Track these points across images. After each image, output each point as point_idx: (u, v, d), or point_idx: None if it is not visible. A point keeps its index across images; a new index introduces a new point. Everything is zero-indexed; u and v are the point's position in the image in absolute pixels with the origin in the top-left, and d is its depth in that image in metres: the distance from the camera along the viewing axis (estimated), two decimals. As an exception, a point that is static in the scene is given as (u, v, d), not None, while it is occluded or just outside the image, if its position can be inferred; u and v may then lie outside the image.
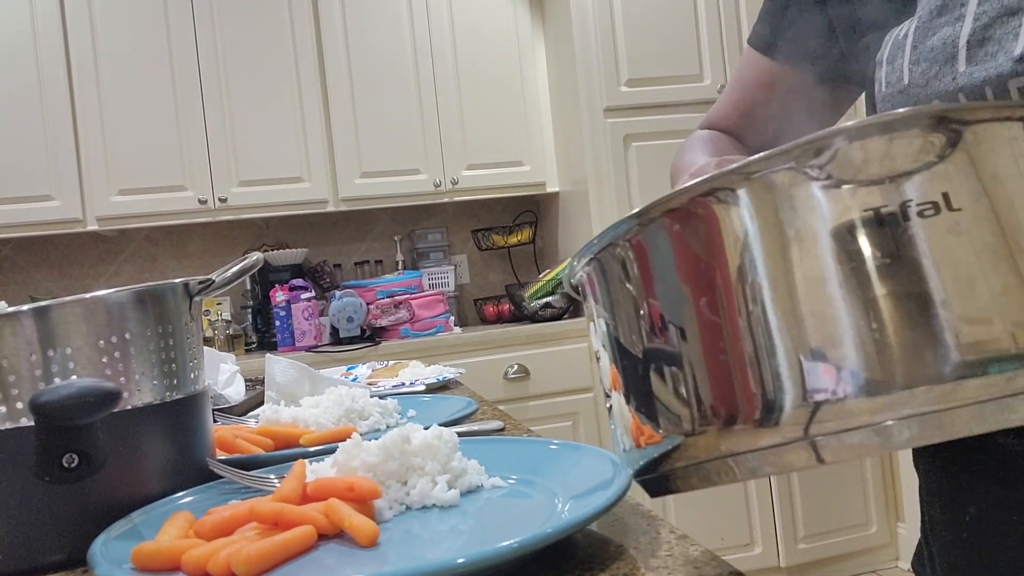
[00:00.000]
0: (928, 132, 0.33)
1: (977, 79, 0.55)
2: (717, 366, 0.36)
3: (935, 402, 0.32)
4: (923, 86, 0.59)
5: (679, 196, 0.36)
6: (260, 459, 0.73)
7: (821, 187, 0.33)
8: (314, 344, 2.83)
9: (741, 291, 0.35)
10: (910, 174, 0.33)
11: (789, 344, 0.34)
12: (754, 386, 0.35)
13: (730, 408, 0.36)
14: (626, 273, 0.40)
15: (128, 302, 0.59)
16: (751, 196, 0.34)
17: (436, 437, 0.58)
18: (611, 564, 0.45)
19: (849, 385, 0.33)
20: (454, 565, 0.40)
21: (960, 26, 0.57)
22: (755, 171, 0.34)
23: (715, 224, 0.35)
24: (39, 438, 0.53)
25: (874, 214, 0.33)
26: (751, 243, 0.34)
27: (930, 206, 0.33)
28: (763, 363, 0.34)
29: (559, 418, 2.73)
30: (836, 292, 0.33)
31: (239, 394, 1.11)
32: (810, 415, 0.33)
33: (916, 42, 0.60)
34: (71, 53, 2.72)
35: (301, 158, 2.89)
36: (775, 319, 0.34)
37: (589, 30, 2.83)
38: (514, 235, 3.24)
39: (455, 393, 1.19)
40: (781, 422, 0.34)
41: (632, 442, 0.43)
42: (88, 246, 3.03)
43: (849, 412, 0.33)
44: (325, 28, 2.91)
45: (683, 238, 0.37)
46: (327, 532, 0.50)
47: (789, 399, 0.34)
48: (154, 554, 0.46)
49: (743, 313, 0.35)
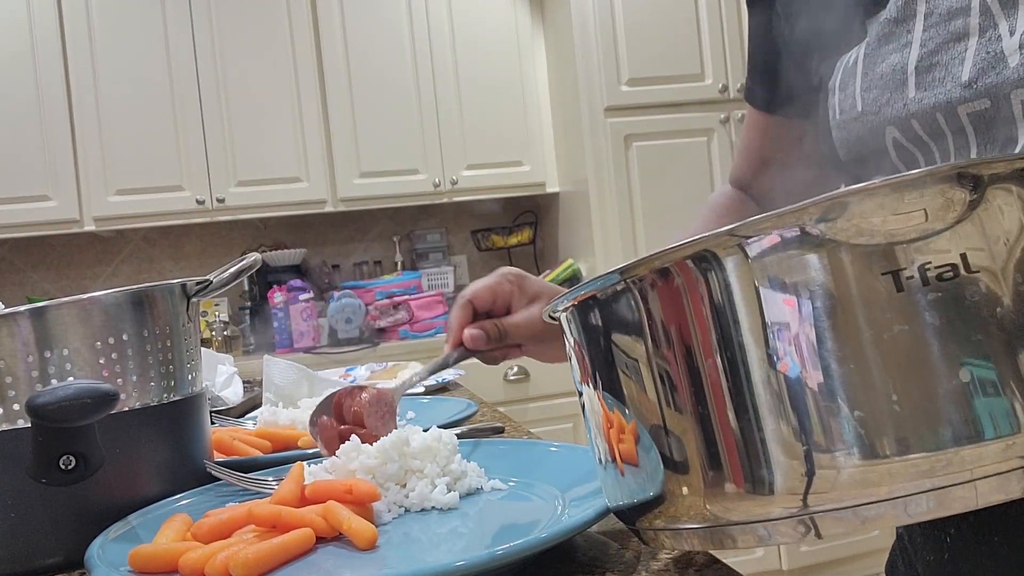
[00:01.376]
0: (944, 191, 0.32)
1: (927, 105, 0.56)
2: (703, 429, 0.34)
3: (948, 470, 0.31)
4: (875, 112, 0.60)
5: (672, 253, 0.34)
6: (258, 461, 0.72)
7: (830, 250, 0.32)
8: (312, 345, 2.82)
9: (739, 355, 0.33)
10: (926, 236, 0.32)
11: (783, 413, 0.32)
12: (746, 454, 0.33)
13: (718, 472, 0.34)
14: (609, 323, 0.38)
15: (125, 303, 0.59)
16: (756, 259, 0.33)
17: (435, 439, 0.58)
18: (611, 567, 0.45)
19: (857, 453, 0.31)
20: (453, 568, 0.40)
21: (908, 52, 0.57)
22: (762, 230, 0.33)
23: (714, 287, 0.33)
24: (36, 440, 0.53)
25: (892, 277, 0.31)
26: (758, 308, 0.33)
27: (949, 268, 0.31)
28: (757, 430, 0.33)
29: (559, 420, 2.73)
30: (849, 359, 0.31)
31: (237, 396, 1.11)
32: (807, 485, 0.32)
33: (866, 69, 0.61)
34: (68, 53, 2.72)
35: (299, 158, 2.89)
36: (775, 391, 0.32)
37: (589, 29, 2.83)
38: (514, 236, 3.23)
39: (454, 395, 1.19)
40: (776, 491, 0.32)
41: (611, 481, 0.41)
42: (85, 247, 3.03)
43: (855, 482, 0.31)
44: (323, 27, 2.91)
45: (677, 298, 0.35)
46: (325, 535, 0.50)
47: (785, 467, 0.32)
48: (151, 556, 0.46)
49: (741, 379, 0.33)
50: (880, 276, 0.31)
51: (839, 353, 0.31)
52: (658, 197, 2.82)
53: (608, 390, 0.38)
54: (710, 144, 2.91)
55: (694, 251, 0.34)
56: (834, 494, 0.31)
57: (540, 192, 3.12)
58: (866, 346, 0.31)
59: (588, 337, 0.39)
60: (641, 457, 0.37)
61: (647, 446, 0.37)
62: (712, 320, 0.33)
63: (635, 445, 0.37)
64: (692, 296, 0.34)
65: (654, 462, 0.37)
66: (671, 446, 0.36)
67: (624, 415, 0.38)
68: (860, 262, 0.32)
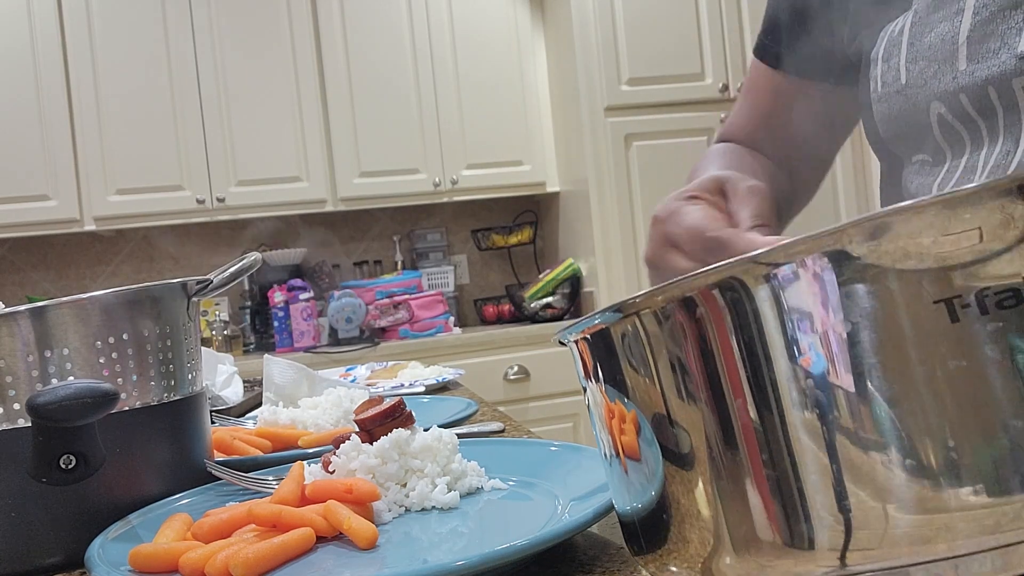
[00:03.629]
0: (1003, 206, 0.28)
1: (979, 78, 0.53)
2: (734, 477, 0.31)
3: (1015, 525, 0.27)
4: (921, 86, 0.57)
5: (694, 281, 0.30)
6: (258, 460, 0.72)
7: (873, 276, 0.28)
8: (312, 345, 2.82)
9: (771, 393, 0.30)
10: (983, 258, 0.28)
11: (825, 462, 0.29)
12: (782, 506, 0.29)
13: (748, 526, 0.30)
14: (623, 359, 0.34)
15: (126, 303, 0.58)
16: (787, 288, 0.29)
17: (436, 439, 0.58)
18: (611, 567, 0.45)
19: (908, 505, 0.28)
20: (453, 568, 0.40)
21: (959, 21, 0.54)
22: (798, 253, 0.29)
23: (742, 319, 0.30)
24: (36, 439, 0.53)
25: (945, 306, 0.28)
26: (791, 343, 0.29)
27: (1010, 294, 0.28)
28: (792, 478, 0.29)
29: (559, 419, 2.73)
30: (899, 400, 0.28)
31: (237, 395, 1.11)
32: (847, 540, 0.28)
33: (913, 39, 0.58)
34: (68, 53, 2.72)
35: (299, 157, 2.89)
36: (814, 435, 0.29)
37: (590, 28, 2.83)
38: (514, 235, 3.23)
39: (455, 394, 1.19)
40: (816, 547, 0.29)
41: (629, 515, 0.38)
42: (85, 246, 3.03)
43: (906, 539, 0.28)
44: (323, 26, 2.91)
45: (700, 332, 0.31)
46: (326, 534, 0.50)
47: (825, 521, 0.29)
48: (152, 556, 0.46)
49: (776, 424, 0.29)
50: (932, 304, 0.28)
51: (886, 394, 0.28)
52: (658, 196, 2.80)
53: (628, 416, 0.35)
54: (710, 144, 2.91)
55: (718, 279, 0.30)
56: (880, 551, 0.28)
57: (540, 192, 3.12)
58: (917, 385, 0.28)
59: (602, 370, 0.36)
60: (654, 494, 0.34)
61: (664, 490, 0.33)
62: (740, 356, 0.30)
63: (638, 449, 0.35)
64: (719, 330, 0.30)
65: (675, 508, 0.33)
66: (702, 495, 0.32)
67: (647, 461, 0.34)
68: (908, 289, 0.28)
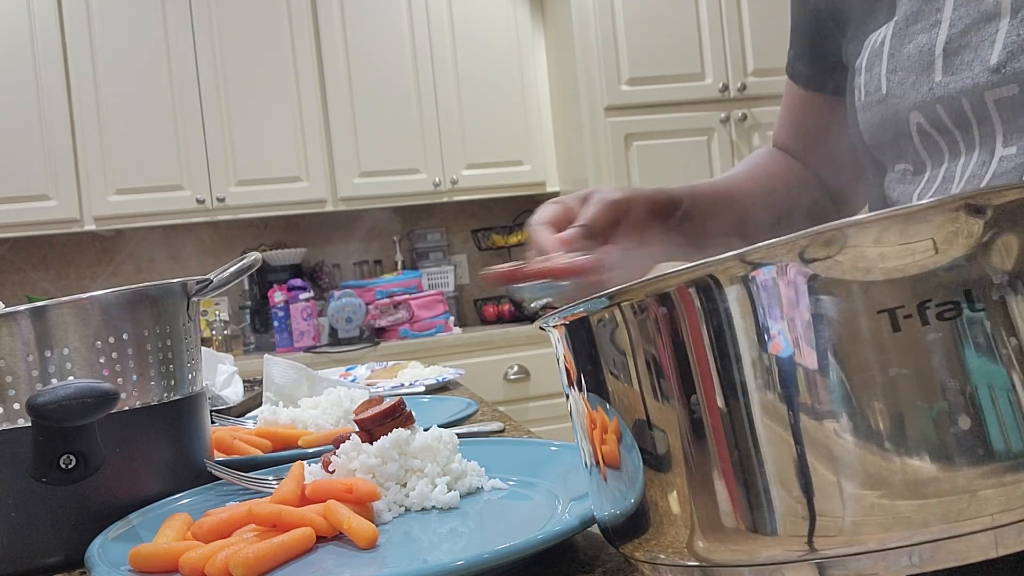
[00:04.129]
0: (949, 221, 0.30)
1: (953, 89, 0.54)
2: (699, 463, 0.32)
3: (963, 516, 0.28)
4: (901, 96, 0.58)
5: (662, 281, 0.32)
6: (258, 460, 0.72)
7: (826, 283, 0.30)
8: (312, 344, 2.82)
9: (738, 386, 0.31)
10: (927, 271, 0.29)
11: (779, 457, 0.30)
12: (746, 493, 0.31)
13: (713, 509, 0.32)
14: (600, 346, 0.36)
15: (126, 302, 0.58)
16: (753, 288, 0.31)
17: (436, 439, 0.58)
18: (611, 567, 0.45)
19: (854, 505, 0.29)
20: (453, 568, 0.40)
21: (936, 33, 0.55)
22: (752, 261, 0.31)
23: (711, 315, 0.32)
24: (36, 439, 0.53)
25: (888, 316, 0.29)
26: (756, 339, 0.31)
27: (951, 307, 0.29)
28: (752, 468, 0.31)
29: (559, 419, 2.73)
30: (850, 398, 0.30)
31: (237, 395, 1.11)
32: (810, 528, 0.30)
33: (893, 49, 0.58)
34: (68, 52, 2.72)
35: (299, 157, 2.89)
36: (772, 426, 0.31)
37: (590, 28, 2.83)
38: (514, 235, 3.23)
39: (455, 394, 1.19)
40: (779, 533, 0.30)
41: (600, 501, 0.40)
42: (85, 246, 3.03)
43: (864, 525, 0.29)
44: (323, 26, 2.91)
45: (673, 325, 0.33)
46: (326, 534, 0.50)
47: (787, 508, 0.30)
48: (152, 556, 0.46)
49: (741, 414, 0.31)
50: (876, 315, 0.30)
51: (839, 392, 0.30)
52: (658, 196, 2.82)
53: (597, 401, 0.37)
54: (710, 143, 2.91)
55: (690, 277, 0.32)
56: (842, 538, 0.30)
57: (540, 191, 3.12)
58: (866, 387, 0.30)
59: (577, 356, 0.38)
60: (626, 475, 0.36)
61: (632, 461, 0.35)
62: (709, 349, 0.32)
63: (618, 455, 0.36)
64: (690, 323, 0.32)
65: (638, 487, 0.35)
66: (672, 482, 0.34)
67: (616, 432, 0.36)
68: (856, 299, 0.30)
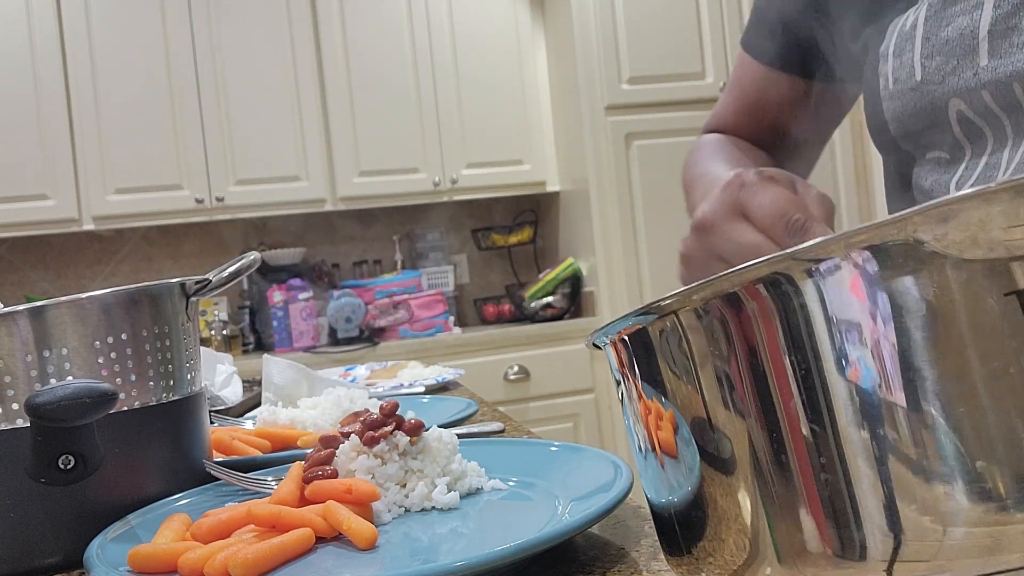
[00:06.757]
0: None
1: (1003, 73, 0.51)
2: (784, 482, 0.29)
3: None
4: (939, 82, 0.55)
5: (740, 275, 0.28)
6: (257, 461, 0.72)
7: (936, 267, 0.26)
8: (312, 345, 2.82)
9: (822, 400, 0.27)
10: None
11: (876, 470, 0.27)
12: (833, 512, 0.27)
13: (796, 532, 0.28)
14: (675, 356, 0.32)
15: (124, 302, 0.58)
16: (843, 280, 0.27)
17: (435, 439, 0.58)
18: (612, 567, 0.44)
19: (975, 512, 0.25)
20: (453, 568, 0.40)
21: (979, 15, 0.52)
22: (858, 243, 0.26)
23: (792, 316, 0.28)
24: (35, 439, 0.52)
25: (1017, 299, 0.25)
26: (843, 338, 0.27)
27: None
28: (847, 485, 0.27)
29: (560, 419, 2.73)
30: (962, 399, 0.26)
31: (236, 395, 1.11)
32: (895, 549, 0.26)
33: (928, 33, 0.56)
34: (67, 52, 2.72)
35: (299, 157, 2.89)
36: (867, 438, 0.27)
37: (590, 27, 2.83)
38: (514, 235, 3.23)
39: (455, 394, 1.19)
40: (868, 557, 0.27)
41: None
42: (84, 246, 3.03)
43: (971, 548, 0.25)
44: (323, 25, 2.91)
45: (747, 330, 0.29)
46: (325, 535, 0.50)
47: (879, 529, 0.26)
48: (151, 557, 0.46)
49: (826, 424, 0.27)
50: (1002, 298, 0.26)
51: (948, 392, 0.26)
52: (659, 196, 2.82)
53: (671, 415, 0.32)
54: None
55: (766, 273, 0.28)
56: (937, 562, 0.26)
57: (540, 191, 3.12)
58: (984, 383, 0.26)
59: (639, 370, 0.34)
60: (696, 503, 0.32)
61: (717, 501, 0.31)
62: (790, 354, 0.28)
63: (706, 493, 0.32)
64: (766, 327, 0.28)
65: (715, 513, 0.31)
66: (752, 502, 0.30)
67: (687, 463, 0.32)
68: (975, 281, 0.26)
